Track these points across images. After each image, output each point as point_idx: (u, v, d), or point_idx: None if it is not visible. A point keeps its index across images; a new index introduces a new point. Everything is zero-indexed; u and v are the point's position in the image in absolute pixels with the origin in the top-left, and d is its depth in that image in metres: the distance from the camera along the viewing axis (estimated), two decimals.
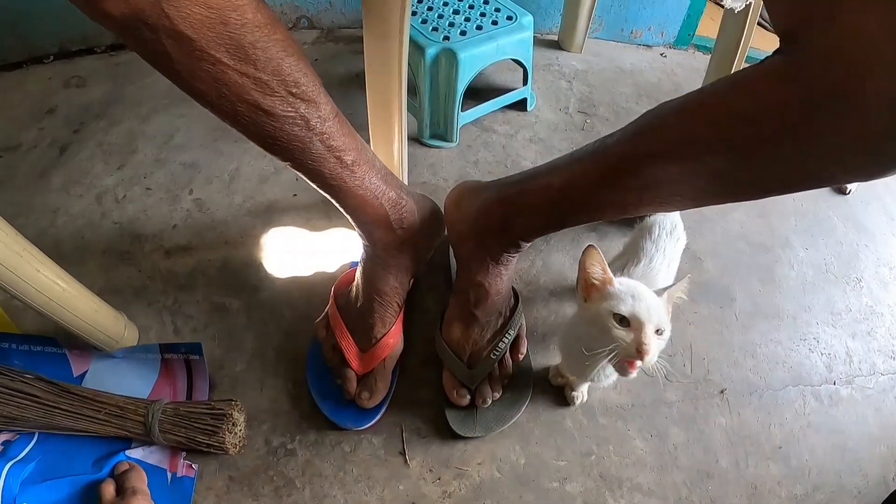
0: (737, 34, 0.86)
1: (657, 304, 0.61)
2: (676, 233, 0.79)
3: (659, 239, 0.77)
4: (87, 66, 1.31)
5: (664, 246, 0.77)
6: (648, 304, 0.60)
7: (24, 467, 0.71)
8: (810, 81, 0.41)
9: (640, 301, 0.61)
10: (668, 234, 0.78)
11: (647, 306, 0.60)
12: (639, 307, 0.60)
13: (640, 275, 0.74)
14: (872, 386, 0.87)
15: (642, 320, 0.59)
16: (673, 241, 0.78)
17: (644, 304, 0.60)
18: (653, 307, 0.60)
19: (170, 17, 0.46)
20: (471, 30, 1.05)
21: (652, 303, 0.61)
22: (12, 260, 0.63)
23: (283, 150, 0.62)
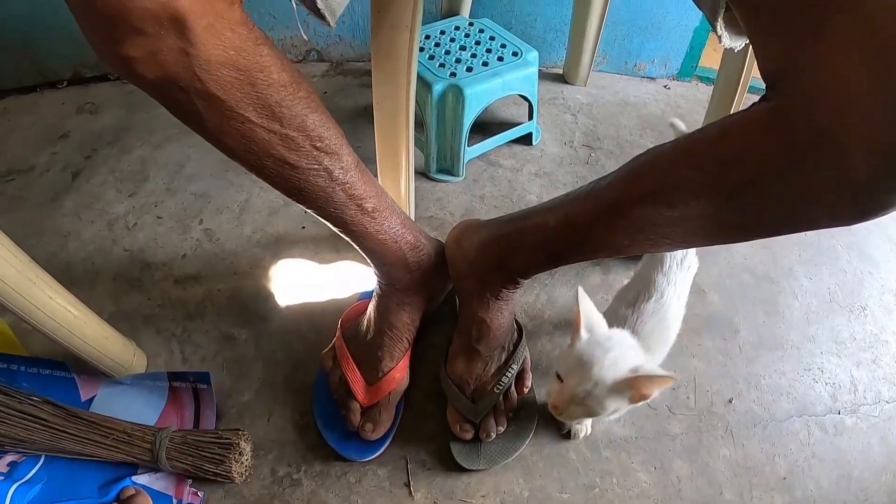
0: (738, 66, 0.88)
1: (605, 376, 0.61)
2: (687, 261, 0.78)
3: (670, 271, 0.76)
4: (101, 93, 1.34)
5: (675, 279, 0.76)
6: (592, 372, 0.61)
7: (30, 489, 0.71)
8: (793, 128, 0.42)
9: (584, 366, 0.62)
10: (679, 265, 0.76)
11: (586, 372, 0.61)
12: (573, 369, 0.63)
13: (650, 311, 0.73)
14: (878, 414, 0.87)
15: (568, 382, 0.63)
16: (684, 272, 0.77)
17: (586, 369, 0.62)
18: (595, 377, 0.61)
19: (201, 79, 0.48)
20: (477, 66, 1.08)
21: (598, 374, 0.61)
22: (25, 286, 0.64)
23: (307, 199, 0.64)
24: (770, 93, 0.45)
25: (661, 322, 0.72)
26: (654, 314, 0.73)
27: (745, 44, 0.60)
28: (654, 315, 0.73)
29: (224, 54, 0.48)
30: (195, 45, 0.45)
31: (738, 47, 0.60)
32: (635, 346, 0.66)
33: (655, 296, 0.75)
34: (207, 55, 0.47)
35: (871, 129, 0.37)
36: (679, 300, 0.76)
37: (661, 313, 0.74)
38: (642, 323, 0.72)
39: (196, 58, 0.46)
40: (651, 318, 0.72)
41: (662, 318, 0.73)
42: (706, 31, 1.36)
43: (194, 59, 0.46)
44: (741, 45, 0.60)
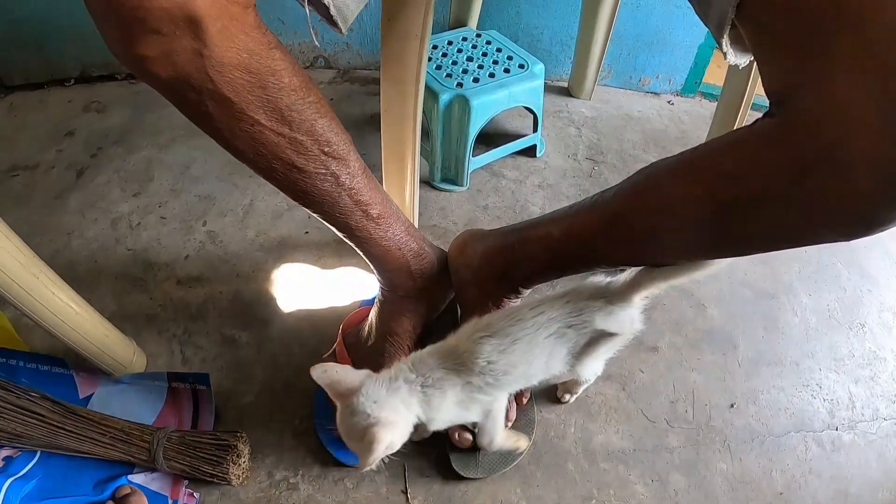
0: (742, 82, 0.89)
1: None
2: (598, 313, 0.66)
3: (559, 300, 0.66)
4: (108, 92, 1.35)
5: (559, 306, 0.66)
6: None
7: (25, 484, 0.71)
8: (797, 145, 0.42)
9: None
10: (576, 306, 0.66)
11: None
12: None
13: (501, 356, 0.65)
14: (875, 431, 0.87)
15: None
16: (576, 316, 0.65)
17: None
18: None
19: (214, 80, 0.49)
20: (484, 77, 1.08)
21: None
22: (29, 281, 0.65)
23: (314, 203, 0.65)
24: (774, 109, 0.45)
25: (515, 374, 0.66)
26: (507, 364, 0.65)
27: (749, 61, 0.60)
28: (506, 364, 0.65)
29: (237, 57, 0.48)
30: (209, 46, 0.46)
31: (743, 64, 0.61)
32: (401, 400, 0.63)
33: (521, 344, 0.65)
34: (221, 57, 0.47)
35: (873, 147, 0.38)
36: (548, 365, 0.67)
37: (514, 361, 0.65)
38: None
39: (209, 59, 0.47)
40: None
41: (516, 368, 0.65)
42: (711, 48, 1.37)
43: (208, 61, 0.47)
44: (745, 63, 0.61)
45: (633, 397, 0.87)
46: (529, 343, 0.64)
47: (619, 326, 0.66)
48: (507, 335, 0.64)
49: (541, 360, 0.66)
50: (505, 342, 0.64)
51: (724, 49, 0.56)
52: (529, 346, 0.64)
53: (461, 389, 0.65)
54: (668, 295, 1.00)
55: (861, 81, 0.38)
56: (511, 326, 0.64)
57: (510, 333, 0.64)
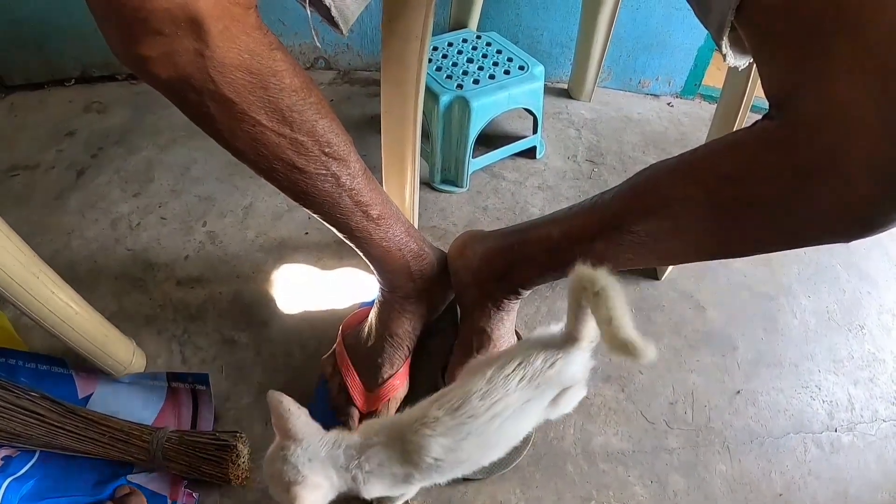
0: (741, 85, 0.89)
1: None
2: (553, 375, 0.60)
3: (511, 377, 0.60)
4: (109, 93, 1.35)
5: (513, 389, 0.59)
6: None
7: (24, 484, 0.71)
8: (796, 147, 0.43)
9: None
10: (530, 380, 0.60)
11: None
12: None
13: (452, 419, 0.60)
14: (874, 433, 0.87)
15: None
16: (533, 390, 0.60)
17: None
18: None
19: (215, 81, 0.49)
20: (484, 79, 1.09)
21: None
22: (29, 280, 0.65)
23: (314, 203, 0.65)
24: (773, 111, 0.46)
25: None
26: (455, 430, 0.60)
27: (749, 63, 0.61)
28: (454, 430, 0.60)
29: (238, 58, 0.48)
30: (211, 47, 0.46)
31: (742, 66, 0.61)
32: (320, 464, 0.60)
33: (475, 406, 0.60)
34: (222, 58, 0.47)
35: (872, 148, 0.38)
36: (503, 431, 0.62)
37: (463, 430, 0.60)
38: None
39: (211, 60, 0.47)
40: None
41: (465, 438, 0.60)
42: (710, 50, 1.38)
43: (209, 61, 0.47)
44: (745, 65, 0.61)
45: (633, 399, 0.87)
46: (482, 435, 0.59)
47: (573, 379, 0.63)
48: (457, 433, 0.59)
49: (496, 445, 0.62)
50: (455, 440, 0.59)
51: (723, 51, 0.56)
52: (482, 438, 0.59)
53: (402, 479, 0.61)
54: (667, 296, 1.00)
55: (861, 83, 0.38)
56: (462, 425, 0.59)
57: (460, 432, 0.59)
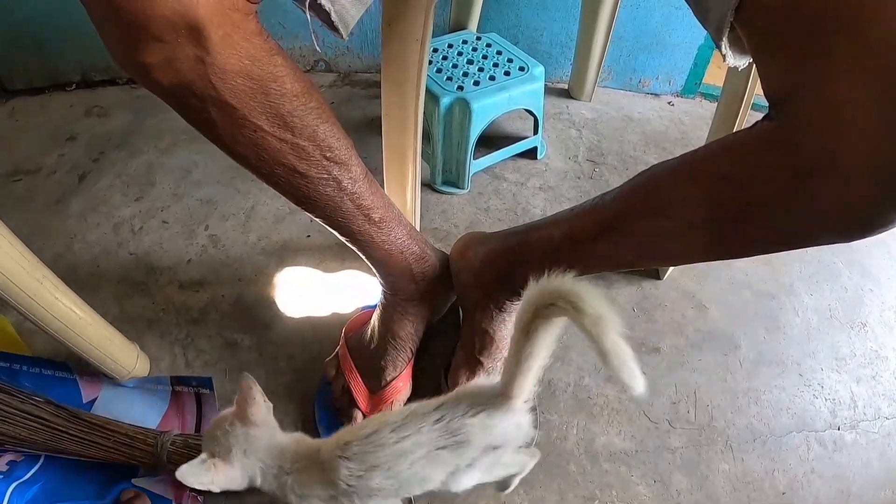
0: (742, 83, 0.89)
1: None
2: (475, 427, 0.57)
3: (428, 417, 0.58)
4: (110, 97, 1.35)
5: (426, 429, 0.57)
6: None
7: (29, 489, 0.71)
8: (796, 148, 0.43)
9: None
10: (447, 423, 0.57)
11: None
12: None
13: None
14: (877, 430, 0.87)
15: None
16: (449, 437, 0.57)
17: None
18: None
19: (216, 87, 0.49)
20: (484, 80, 1.09)
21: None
22: (32, 286, 0.65)
23: (316, 207, 0.65)
24: (773, 111, 0.46)
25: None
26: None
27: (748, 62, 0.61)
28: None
29: (239, 63, 0.49)
30: (211, 53, 0.46)
31: (742, 66, 0.61)
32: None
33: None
34: (223, 64, 0.48)
35: (872, 149, 0.38)
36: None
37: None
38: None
39: (211, 66, 0.47)
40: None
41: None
42: (710, 49, 1.37)
43: (210, 68, 0.47)
44: (745, 64, 0.61)
45: (635, 398, 0.87)
46: (391, 469, 0.57)
47: (503, 438, 0.60)
48: (363, 461, 0.57)
49: (409, 484, 0.59)
50: (361, 468, 0.57)
51: (723, 51, 0.56)
52: (392, 472, 0.57)
53: (328, 500, 0.60)
54: (668, 296, 1.00)
55: (860, 83, 0.38)
56: (368, 453, 0.57)
57: (367, 460, 0.57)
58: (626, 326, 0.92)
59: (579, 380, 0.89)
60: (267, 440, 0.61)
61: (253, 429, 0.60)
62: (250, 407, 0.60)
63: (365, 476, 0.57)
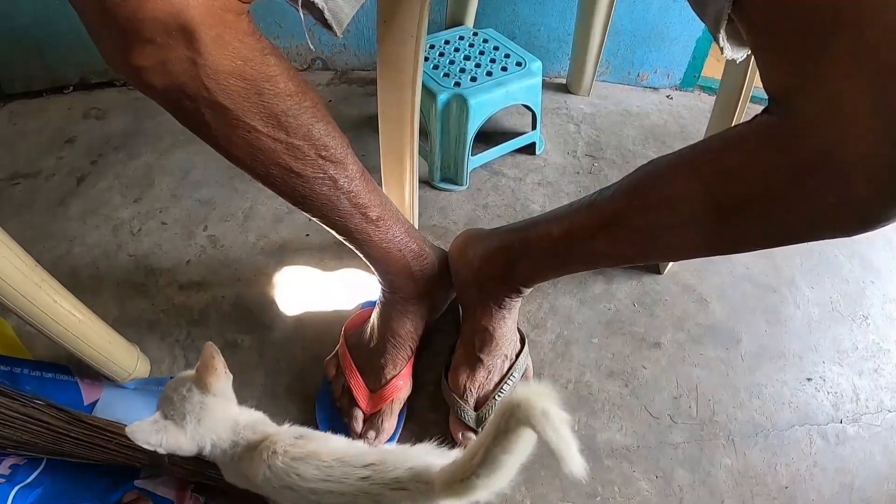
0: (740, 76, 0.88)
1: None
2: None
3: (355, 472, 0.56)
4: (108, 99, 1.36)
5: (350, 482, 0.56)
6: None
7: (31, 492, 0.71)
8: (795, 147, 0.43)
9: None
10: (370, 485, 0.55)
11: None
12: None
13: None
14: (880, 423, 0.87)
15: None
16: (368, 499, 0.55)
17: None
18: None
19: (209, 88, 0.49)
20: (481, 76, 1.08)
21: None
22: (31, 290, 0.65)
23: (312, 207, 0.65)
24: (773, 106, 0.45)
25: None
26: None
27: (747, 55, 0.60)
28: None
29: (232, 64, 0.48)
30: (204, 54, 0.46)
31: (741, 58, 0.61)
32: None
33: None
34: (216, 65, 0.47)
35: (871, 150, 0.38)
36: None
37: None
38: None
39: (204, 67, 0.47)
40: None
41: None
42: (709, 42, 1.37)
43: (202, 69, 0.47)
44: (743, 56, 0.61)
45: (636, 394, 0.87)
46: (300, 496, 0.57)
47: None
48: (280, 478, 0.57)
49: None
50: (277, 482, 0.57)
51: (721, 44, 0.55)
52: (299, 498, 0.57)
53: (246, 484, 0.61)
54: (669, 290, 1.00)
55: (860, 83, 0.38)
56: (289, 473, 0.57)
57: (283, 479, 0.57)
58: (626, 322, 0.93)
59: (580, 376, 0.89)
60: (222, 413, 0.61)
61: (210, 398, 0.60)
62: (210, 376, 0.61)
63: (278, 489, 0.58)
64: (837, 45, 0.38)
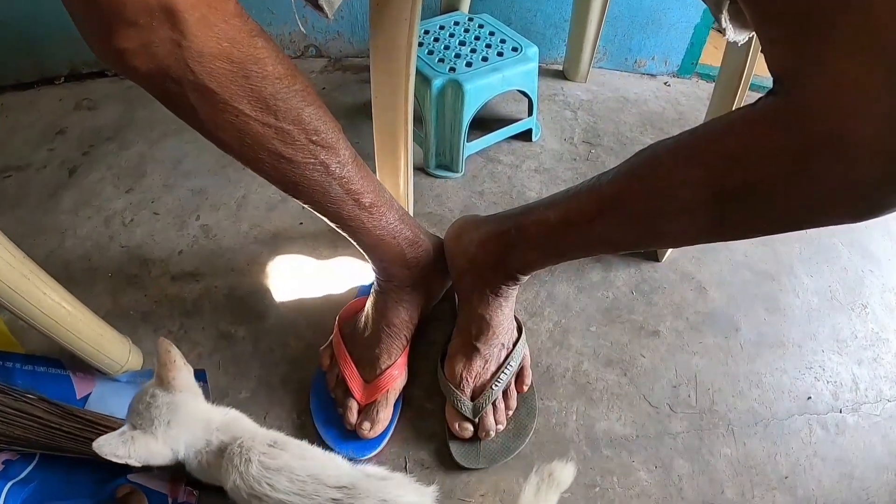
0: (740, 63, 0.87)
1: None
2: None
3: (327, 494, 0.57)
4: (99, 89, 1.34)
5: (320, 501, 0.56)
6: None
7: (25, 488, 0.71)
8: (800, 128, 0.41)
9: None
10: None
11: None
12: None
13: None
14: (879, 413, 0.87)
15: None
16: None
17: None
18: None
19: (194, 71, 0.48)
20: (476, 61, 1.07)
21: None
22: (19, 282, 0.64)
23: (304, 193, 0.64)
24: (777, 87, 0.44)
25: None
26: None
27: (748, 38, 0.59)
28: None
29: (218, 46, 0.47)
30: (188, 36, 0.45)
31: (742, 41, 0.60)
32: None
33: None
34: (200, 47, 0.46)
35: (878, 131, 0.37)
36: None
37: None
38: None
39: (189, 49, 0.46)
40: None
41: None
42: (707, 28, 1.36)
43: (187, 51, 0.46)
44: (745, 39, 0.59)
45: (635, 383, 0.87)
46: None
47: None
48: (251, 486, 0.57)
49: None
50: (247, 489, 0.58)
51: (723, 25, 0.54)
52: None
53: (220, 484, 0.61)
54: (668, 278, 0.99)
55: (866, 63, 0.37)
56: (260, 482, 0.57)
57: (254, 488, 0.57)
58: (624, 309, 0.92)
59: (578, 364, 0.88)
60: (193, 409, 0.60)
61: (177, 397, 0.60)
62: (170, 372, 0.60)
63: (246, 498, 0.57)
64: (844, 24, 0.37)
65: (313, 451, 0.63)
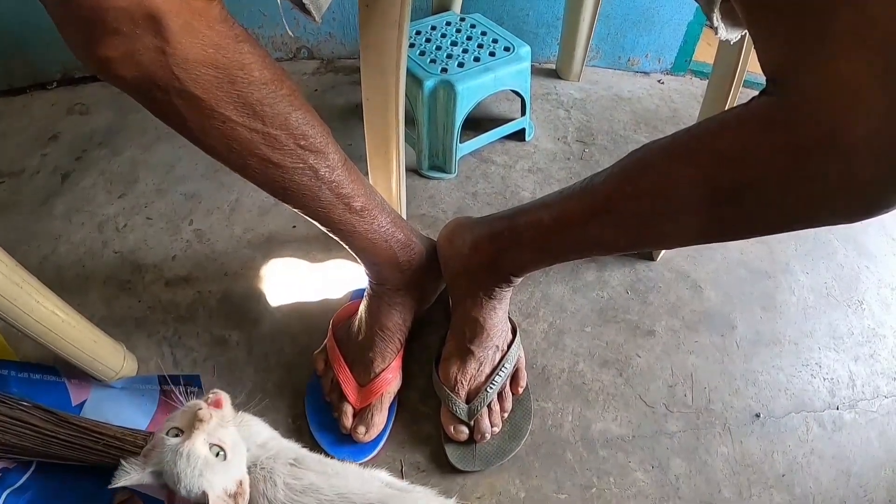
0: (733, 60, 0.87)
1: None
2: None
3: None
4: (91, 94, 1.33)
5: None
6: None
7: (21, 496, 0.71)
8: (796, 127, 0.41)
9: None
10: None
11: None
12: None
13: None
14: (876, 409, 0.87)
15: None
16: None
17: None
18: None
19: (180, 78, 0.47)
20: (468, 61, 1.06)
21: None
22: (12, 291, 0.64)
23: (293, 198, 0.63)
24: (770, 86, 0.44)
25: None
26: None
27: (741, 36, 0.59)
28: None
29: (203, 52, 0.47)
30: (172, 43, 0.45)
31: (735, 39, 0.59)
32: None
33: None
34: (185, 54, 0.46)
35: (875, 129, 0.37)
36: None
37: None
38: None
39: (173, 56, 0.45)
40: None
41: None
42: (700, 26, 1.35)
43: (171, 58, 0.45)
44: (737, 37, 0.59)
45: (631, 383, 0.86)
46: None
47: None
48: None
49: None
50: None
51: (715, 23, 0.54)
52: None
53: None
54: (663, 277, 0.99)
55: (863, 59, 0.36)
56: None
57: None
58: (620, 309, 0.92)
59: (573, 365, 0.88)
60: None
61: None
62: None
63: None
64: (839, 20, 0.37)
65: (334, 466, 0.62)
